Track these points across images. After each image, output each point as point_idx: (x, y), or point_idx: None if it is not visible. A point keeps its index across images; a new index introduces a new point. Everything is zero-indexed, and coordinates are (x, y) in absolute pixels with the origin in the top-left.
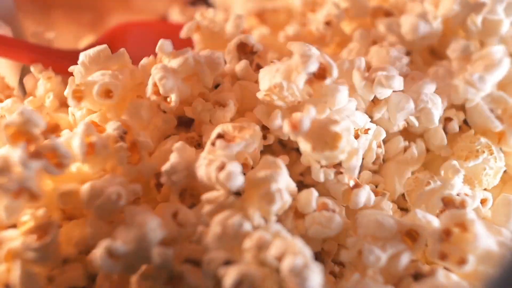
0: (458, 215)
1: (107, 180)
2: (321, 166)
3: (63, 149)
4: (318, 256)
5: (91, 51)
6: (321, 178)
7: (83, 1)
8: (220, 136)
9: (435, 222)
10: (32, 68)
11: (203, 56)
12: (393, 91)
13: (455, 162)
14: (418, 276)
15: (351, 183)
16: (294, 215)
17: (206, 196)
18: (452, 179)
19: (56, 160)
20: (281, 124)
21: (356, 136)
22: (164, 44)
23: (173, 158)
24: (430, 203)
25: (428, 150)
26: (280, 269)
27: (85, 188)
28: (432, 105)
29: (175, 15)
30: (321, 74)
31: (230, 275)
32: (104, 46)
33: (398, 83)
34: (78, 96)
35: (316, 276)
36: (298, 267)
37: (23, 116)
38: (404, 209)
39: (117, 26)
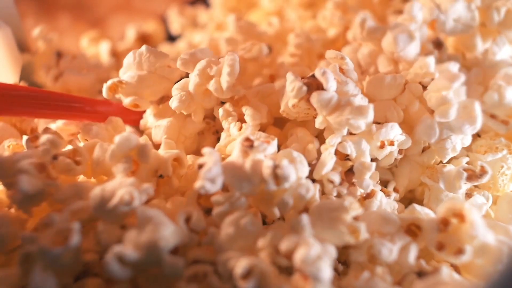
0: (456, 204)
1: (118, 182)
2: (334, 186)
3: None
4: None
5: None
6: (334, 194)
7: (83, 1)
8: (252, 141)
9: (433, 215)
10: None
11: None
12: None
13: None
14: (421, 273)
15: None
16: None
17: (215, 197)
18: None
19: None
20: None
21: (382, 146)
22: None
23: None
24: (451, 179)
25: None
26: (293, 261)
27: (95, 192)
28: (452, 151)
29: (173, 15)
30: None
31: (240, 266)
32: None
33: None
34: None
35: (329, 268)
36: (312, 257)
37: None
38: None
39: None
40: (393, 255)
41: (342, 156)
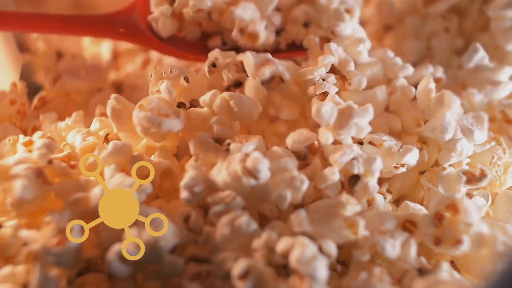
0: (446, 197)
1: (118, 181)
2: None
3: None
4: None
5: None
6: None
7: (83, 1)
8: (228, 145)
9: (425, 211)
10: None
11: None
12: None
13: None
14: (422, 271)
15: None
16: (294, 207)
17: (212, 197)
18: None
19: None
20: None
21: (396, 167)
22: None
23: (189, 172)
24: (451, 182)
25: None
26: (289, 262)
27: (96, 191)
28: (459, 155)
29: None
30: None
31: (238, 266)
32: None
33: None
34: None
35: (324, 267)
36: (307, 257)
37: None
38: None
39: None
40: (396, 250)
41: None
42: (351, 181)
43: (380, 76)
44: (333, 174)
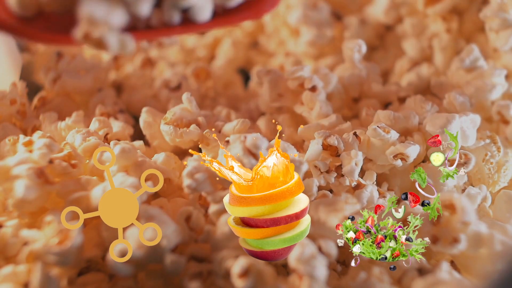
0: (445, 196)
1: (119, 181)
2: (321, 172)
3: None
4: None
5: None
6: (322, 182)
7: None
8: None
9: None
10: None
11: None
12: None
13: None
14: (422, 271)
15: (353, 184)
16: None
17: (212, 195)
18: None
19: None
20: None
21: (395, 157)
22: None
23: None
24: (435, 170)
25: None
26: (288, 261)
27: (97, 191)
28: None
29: None
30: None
31: (238, 265)
32: None
33: None
34: None
35: (324, 266)
36: (306, 256)
37: None
38: None
39: None
40: None
41: (333, 152)
42: (338, 168)
43: None
44: (315, 144)
